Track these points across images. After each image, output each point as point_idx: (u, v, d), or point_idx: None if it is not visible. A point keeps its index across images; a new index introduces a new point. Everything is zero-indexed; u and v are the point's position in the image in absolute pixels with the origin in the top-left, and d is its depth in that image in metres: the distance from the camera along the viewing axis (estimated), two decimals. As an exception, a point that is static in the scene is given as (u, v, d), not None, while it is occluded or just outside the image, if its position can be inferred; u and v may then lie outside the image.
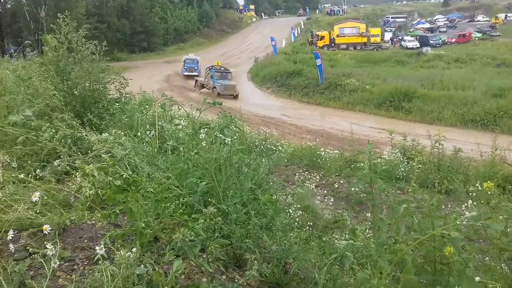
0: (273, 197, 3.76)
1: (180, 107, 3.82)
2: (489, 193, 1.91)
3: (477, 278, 1.76)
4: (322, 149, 10.83)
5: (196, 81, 40.34)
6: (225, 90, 34.82)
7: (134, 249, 2.17)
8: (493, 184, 1.85)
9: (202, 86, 37.98)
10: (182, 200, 2.62)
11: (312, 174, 8.02)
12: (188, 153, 3.28)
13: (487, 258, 2.36)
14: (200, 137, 3.43)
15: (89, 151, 3.43)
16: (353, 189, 7.28)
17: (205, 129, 3.39)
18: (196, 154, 3.15)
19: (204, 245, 2.17)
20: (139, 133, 4.44)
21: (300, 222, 4.68)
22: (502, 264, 2.08)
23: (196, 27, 76.02)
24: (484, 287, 1.88)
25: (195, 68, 44.71)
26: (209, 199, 2.77)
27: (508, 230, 1.89)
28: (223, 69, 39.11)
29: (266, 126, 17.76)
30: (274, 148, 10.32)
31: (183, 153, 3.46)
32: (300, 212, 4.96)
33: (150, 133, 4.35)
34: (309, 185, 6.96)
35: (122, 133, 3.87)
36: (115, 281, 1.99)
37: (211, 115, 7.71)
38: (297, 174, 7.91)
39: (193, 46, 69.01)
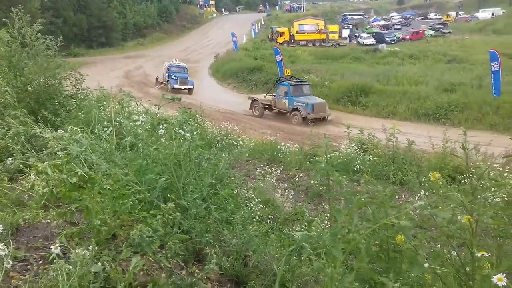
0: (234, 192, 3.79)
1: (138, 103, 3.77)
2: (438, 183, 2.01)
3: (426, 265, 1.85)
4: (282, 144, 10.96)
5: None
6: (314, 111, 23.95)
7: (90, 247, 2.14)
8: (440, 175, 1.95)
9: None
10: (139, 196, 2.59)
11: (273, 168, 8.11)
12: (147, 149, 3.25)
13: (439, 245, 2.49)
14: (159, 133, 3.40)
15: (44, 149, 3.34)
16: (312, 182, 7.42)
17: (164, 125, 3.37)
18: (155, 150, 3.13)
19: (163, 241, 2.16)
20: (96, 130, 4.34)
21: (261, 216, 4.74)
22: (452, 251, 2.20)
23: (156, 22, 74.61)
24: (433, 273, 1.99)
25: (188, 79, 34.68)
26: (169, 195, 2.76)
27: (455, 218, 2.00)
28: (297, 80, 27.65)
29: (228, 122, 17.71)
30: (235, 143, 10.35)
31: (141, 149, 3.42)
32: (261, 206, 5.02)
33: (108, 129, 4.27)
34: (269, 179, 7.04)
35: (78, 129, 3.78)
36: (70, 280, 1.96)
37: (172, 111, 7.65)
38: (258, 168, 7.98)
39: (153, 41, 67.75)
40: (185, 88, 33.31)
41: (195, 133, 3.80)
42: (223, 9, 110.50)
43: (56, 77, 6.17)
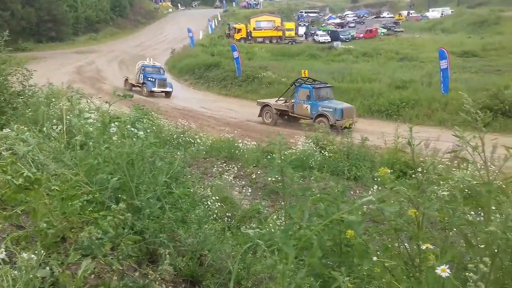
0: (190, 190, 3.75)
1: (88, 100, 3.64)
2: (386, 178, 2.07)
3: (374, 258, 1.91)
4: (240, 141, 10.97)
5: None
6: (344, 117, 20.49)
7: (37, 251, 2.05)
8: (387, 170, 2.01)
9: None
10: (90, 197, 2.51)
11: (230, 166, 8.09)
12: (98, 148, 3.15)
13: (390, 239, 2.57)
14: (111, 131, 3.31)
15: (-12, 148, 3.17)
16: (269, 179, 7.48)
17: (116, 123, 3.27)
18: (107, 149, 3.04)
19: (114, 243, 2.11)
20: (44, 128, 4.17)
21: (218, 214, 4.72)
22: (400, 244, 2.27)
23: (109, 16, 72.43)
24: (382, 265, 2.05)
25: (166, 80, 31.34)
26: (121, 195, 2.69)
27: (403, 211, 2.07)
28: (318, 82, 24.13)
29: (184, 119, 17.53)
30: (193, 141, 10.26)
31: (92, 148, 3.31)
32: (219, 204, 5.00)
33: (57, 128, 4.11)
34: (227, 177, 7.03)
35: (25, 128, 3.61)
36: (16, 286, 1.87)
37: (126, 108, 7.46)
38: (216, 166, 7.95)
39: (106, 36, 65.81)
40: (163, 91, 30.40)
41: (149, 131, 3.73)
42: (179, 4, 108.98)
43: (1, 73, 5.88)
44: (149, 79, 30.34)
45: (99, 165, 3.05)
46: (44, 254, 2.14)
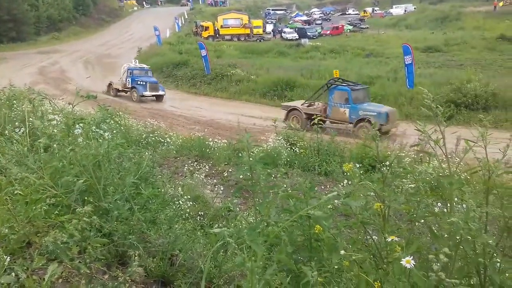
0: (160, 190, 3.71)
1: (51, 101, 3.55)
2: (351, 173, 2.11)
3: (342, 252, 1.94)
4: (210, 140, 10.91)
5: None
6: (389, 121, 18.83)
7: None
8: (351, 165, 2.05)
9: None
10: (53, 200, 2.45)
11: (202, 165, 8.05)
12: (63, 151, 3.07)
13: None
14: (76, 133, 3.23)
15: None
16: (240, 176, 7.48)
17: (81, 125, 3.20)
18: (72, 151, 2.97)
19: (81, 246, 2.06)
20: (6, 131, 4.04)
21: (190, 213, 4.68)
22: (368, 237, 2.32)
23: (72, 15, 70.55)
24: (350, 258, 2.09)
25: (157, 83, 29.27)
26: (87, 198, 2.64)
27: (368, 205, 2.12)
28: (353, 83, 22.38)
29: (154, 118, 17.32)
30: (162, 140, 10.14)
31: (57, 151, 3.23)
32: (190, 203, 4.96)
33: (19, 130, 3.99)
34: (198, 176, 6.99)
35: (-15, 132, 3.49)
36: (-22, 296, 1.81)
37: (91, 109, 7.29)
38: (186, 165, 7.88)
39: (69, 35, 64.15)
40: (154, 95, 28.18)
41: (115, 131, 3.67)
42: (144, 2, 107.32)
43: (-42, 75, 5.65)
44: (139, 82, 28.06)
45: (64, 167, 2.98)
46: (8, 260, 2.08)
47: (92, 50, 50.96)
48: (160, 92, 28.63)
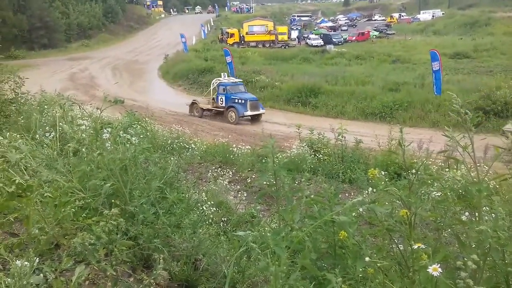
0: (184, 195, 3.75)
1: (80, 106, 3.64)
2: (376, 179, 2.09)
3: (366, 259, 1.91)
4: (234, 146, 10.96)
5: None
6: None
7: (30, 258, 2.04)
8: (378, 171, 2.02)
9: None
10: (81, 203, 2.51)
11: (225, 171, 8.08)
12: (91, 155, 3.15)
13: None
14: (104, 138, 3.30)
15: (-20, 157, 3.16)
16: (264, 183, 7.47)
17: (108, 129, 3.27)
18: (99, 155, 3.03)
19: (107, 248, 2.10)
20: (37, 136, 4.16)
21: (214, 219, 4.71)
22: (393, 244, 2.28)
23: (101, 22, 72.52)
24: (376, 266, 2.06)
25: (257, 100, 25.20)
26: (114, 201, 2.69)
27: (394, 212, 2.09)
28: None
29: (179, 124, 17.51)
30: (187, 146, 10.25)
31: (85, 155, 3.31)
32: (214, 209, 4.99)
33: (49, 135, 4.10)
34: (222, 181, 7.02)
35: (18, 136, 3.60)
36: (9, 294, 1.86)
37: (119, 115, 7.44)
38: (210, 171, 7.93)
39: (98, 42, 65.82)
40: (255, 115, 24.15)
41: (142, 136, 3.74)
42: (171, 10, 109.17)
43: (-7, 81, 5.87)
44: (237, 101, 24.25)
45: (92, 171, 3.05)
46: (37, 261, 2.13)
47: (120, 57, 52.10)
48: (261, 111, 24.60)
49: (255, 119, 24.30)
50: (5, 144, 3.03)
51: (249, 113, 23.77)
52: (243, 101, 24.09)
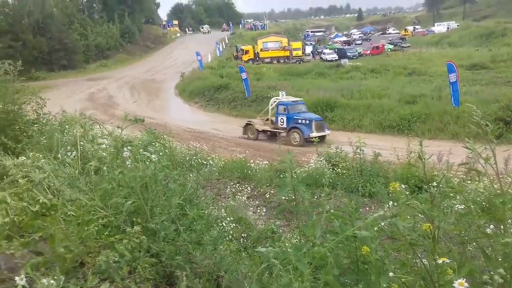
0: (204, 212, 3.77)
1: (100, 125, 3.71)
2: (398, 192, 2.07)
3: (390, 274, 1.89)
4: (252, 161, 10.98)
5: None
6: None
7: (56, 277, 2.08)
8: (398, 184, 2.01)
9: None
10: (103, 221, 2.54)
11: (244, 186, 8.09)
12: (112, 173, 3.19)
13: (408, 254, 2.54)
14: (124, 156, 3.36)
15: (5, 177, 3.24)
16: (283, 198, 7.44)
17: (129, 147, 3.32)
18: (120, 173, 3.08)
19: (131, 266, 2.12)
20: (59, 155, 4.23)
21: (233, 235, 4.70)
22: (417, 259, 2.25)
23: (118, 43, 74.19)
24: (400, 281, 2.03)
25: (322, 120, 23.82)
26: (135, 219, 2.72)
27: (417, 226, 2.06)
28: None
29: (196, 141, 17.63)
30: (205, 162, 10.30)
31: (106, 173, 3.36)
32: (234, 225, 4.98)
33: (71, 154, 4.18)
34: (241, 197, 7.02)
35: (40, 155, 3.68)
36: (36, 312, 1.89)
37: (138, 133, 7.55)
38: (229, 187, 7.95)
39: (116, 63, 67.20)
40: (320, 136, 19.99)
41: (161, 154, 3.78)
42: (186, 29, 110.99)
43: (16, 103, 6.02)
44: (301, 121, 22.58)
45: (113, 189, 3.09)
46: (63, 279, 2.16)
47: (137, 76, 53.02)
48: (327, 132, 22.59)
49: (323, 139, 21.04)
50: (28, 164, 3.10)
51: (315, 134, 20.96)
52: (307, 122, 22.40)
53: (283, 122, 23.17)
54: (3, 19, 55.56)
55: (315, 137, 19.48)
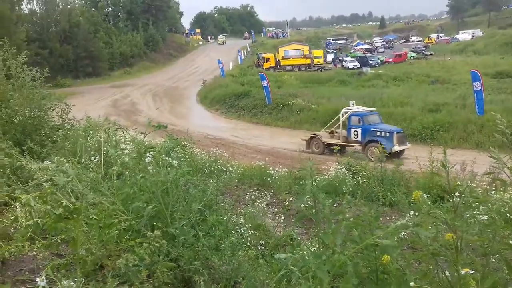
0: (223, 218, 3.78)
1: (124, 131, 3.78)
2: (420, 201, 2.04)
3: (411, 284, 1.86)
4: (271, 168, 10.96)
5: None
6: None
7: (76, 279, 2.11)
8: (421, 193, 1.98)
9: None
10: (124, 225, 2.57)
11: (263, 193, 8.07)
12: (134, 178, 3.24)
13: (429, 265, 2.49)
14: (147, 161, 3.40)
15: (30, 180, 3.32)
16: (302, 205, 7.40)
17: (151, 153, 3.37)
18: (142, 178, 3.12)
19: (150, 270, 2.14)
20: (83, 160, 4.31)
21: (252, 241, 4.70)
22: (438, 269, 2.20)
23: (142, 51, 75.48)
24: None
25: (403, 132, 21.29)
26: (156, 223, 2.75)
27: (439, 236, 2.02)
28: None
29: (216, 147, 17.71)
30: (225, 169, 10.33)
31: (129, 178, 3.41)
32: (252, 231, 4.98)
33: (94, 159, 4.26)
34: (260, 204, 7.01)
35: (65, 160, 3.76)
36: (57, 313, 1.93)
37: (160, 139, 7.66)
38: (248, 193, 7.94)
39: (139, 70, 68.32)
40: (400, 151, 19.35)
41: (182, 160, 3.82)
42: (209, 37, 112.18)
43: (42, 108, 6.18)
44: (379, 133, 20.12)
45: (135, 194, 3.13)
46: (83, 281, 2.20)
47: (160, 83, 53.76)
48: (407, 145, 20.22)
49: (401, 153, 19.60)
50: (53, 168, 3.17)
51: (397, 148, 19.02)
52: (387, 134, 19.82)
53: (357, 135, 20.78)
54: (31, 27, 57.21)
55: (397, 151, 18.65)
